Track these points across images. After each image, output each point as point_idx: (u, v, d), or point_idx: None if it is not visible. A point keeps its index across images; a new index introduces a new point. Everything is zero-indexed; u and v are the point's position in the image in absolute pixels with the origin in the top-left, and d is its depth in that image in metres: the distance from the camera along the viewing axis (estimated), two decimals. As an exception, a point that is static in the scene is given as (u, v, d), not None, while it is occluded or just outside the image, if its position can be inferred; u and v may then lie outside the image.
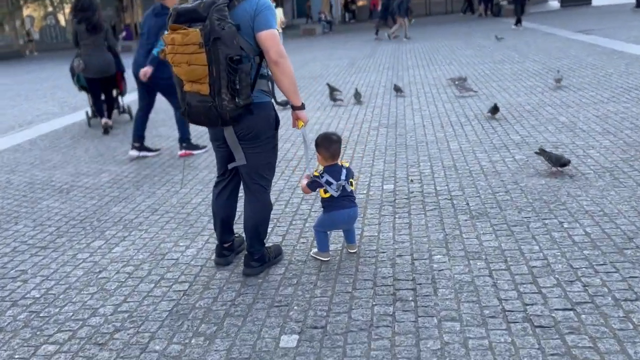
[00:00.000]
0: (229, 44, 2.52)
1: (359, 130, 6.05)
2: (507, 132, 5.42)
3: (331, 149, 2.98)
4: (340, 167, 3.02)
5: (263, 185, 2.94)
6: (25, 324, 2.72)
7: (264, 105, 2.79)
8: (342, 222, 3.05)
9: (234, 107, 2.61)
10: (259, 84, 2.76)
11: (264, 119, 2.80)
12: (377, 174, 4.54)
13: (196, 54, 2.53)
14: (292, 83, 2.77)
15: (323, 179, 2.97)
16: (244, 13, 2.63)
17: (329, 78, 10.41)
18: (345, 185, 2.99)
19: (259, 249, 3.01)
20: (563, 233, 3.18)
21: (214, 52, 2.52)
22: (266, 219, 3.00)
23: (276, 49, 2.67)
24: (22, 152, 6.50)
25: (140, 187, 4.74)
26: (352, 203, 3.04)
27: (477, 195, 3.86)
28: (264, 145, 2.84)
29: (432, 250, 3.11)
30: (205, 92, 2.60)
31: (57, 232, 3.88)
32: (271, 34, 2.65)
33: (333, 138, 3.01)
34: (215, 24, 2.50)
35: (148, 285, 3.01)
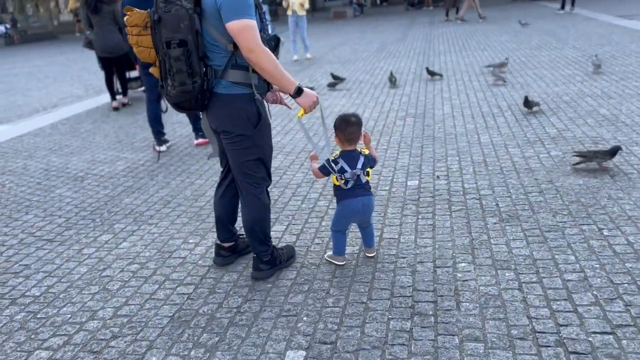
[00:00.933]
0: (171, 27, 2.36)
1: (384, 120, 5.78)
2: (543, 125, 5.07)
3: (347, 132, 2.70)
4: (358, 154, 2.75)
5: (251, 183, 2.68)
6: (22, 325, 2.59)
7: (236, 97, 2.52)
8: (355, 212, 2.77)
9: (175, 94, 2.46)
10: (231, 75, 2.49)
11: (234, 113, 2.53)
12: (401, 168, 4.28)
13: (141, 35, 2.45)
14: (274, 74, 2.45)
15: (338, 165, 2.72)
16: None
17: (357, 63, 10.10)
18: (361, 175, 2.75)
19: (265, 250, 2.80)
20: (603, 241, 2.88)
21: (158, 35, 2.40)
22: (260, 218, 2.74)
23: (245, 44, 2.36)
24: (42, 137, 6.44)
25: (155, 177, 4.59)
26: (366, 192, 2.78)
27: (507, 195, 3.58)
28: (240, 141, 2.58)
29: (456, 257, 2.86)
30: (157, 76, 2.53)
31: (65, 224, 3.76)
32: (238, 26, 2.34)
33: (351, 120, 2.72)
34: (160, 6, 2.37)
35: (152, 287, 2.84)
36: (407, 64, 9.47)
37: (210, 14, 2.39)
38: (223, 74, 2.49)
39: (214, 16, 2.39)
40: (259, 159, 2.67)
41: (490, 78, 7.37)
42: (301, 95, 2.57)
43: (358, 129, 2.72)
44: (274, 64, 2.43)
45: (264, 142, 2.68)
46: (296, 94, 2.56)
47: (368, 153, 2.79)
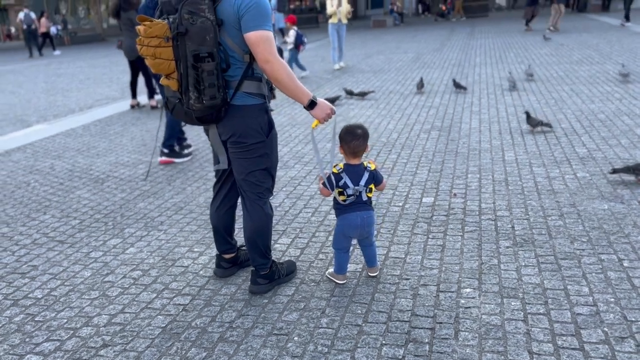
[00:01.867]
0: (196, 39, 2.30)
1: (408, 133, 5.66)
2: (573, 144, 4.86)
3: (351, 145, 2.62)
4: (363, 169, 2.66)
5: (256, 194, 2.65)
6: (19, 327, 2.61)
7: (250, 108, 2.50)
8: (354, 227, 2.68)
9: (201, 107, 2.39)
10: (246, 86, 2.47)
11: (248, 123, 2.51)
12: (418, 184, 4.16)
13: (161, 47, 2.35)
14: (288, 85, 2.45)
15: (341, 180, 2.64)
16: (229, 8, 2.35)
17: (390, 73, 9.99)
18: (363, 192, 2.66)
19: (263, 263, 2.74)
20: (621, 273, 2.71)
21: (181, 48, 2.32)
22: (263, 230, 2.69)
23: (262, 54, 2.37)
24: (73, 137, 6.59)
25: (172, 182, 4.61)
26: (366, 207, 2.69)
27: (525, 218, 3.42)
28: (251, 151, 2.56)
29: (462, 281, 2.74)
30: (174, 88, 2.43)
31: (79, 226, 3.80)
32: (256, 37, 2.35)
33: (356, 132, 2.63)
34: (184, 18, 2.29)
35: (150, 295, 2.82)
36: (440, 75, 9.30)
37: (229, 25, 2.38)
38: (239, 85, 2.47)
39: (233, 27, 2.38)
40: (266, 169, 2.64)
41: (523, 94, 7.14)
42: (315, 107, 2.56)
43: (363, 142, 2.63)
44: (288, 75, 2.43)
45: (272, 152, 2.66)
46: (309, 106, 2.55)
47: (374, 168, 2.70)
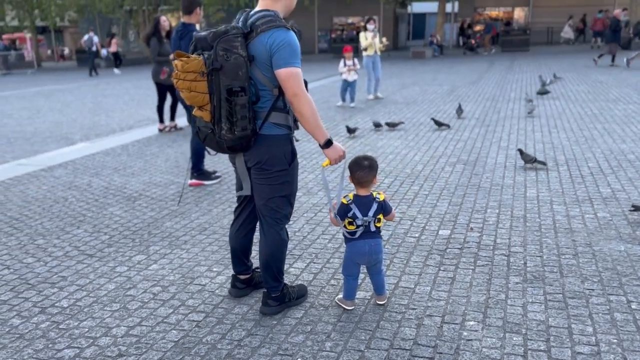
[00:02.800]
0: (230, 75, 2.47)
1: (433, 165, 5.73)
2: (597, 184, 4.84)
3: (357, 175, 2.75)
4: (372, 200, 2.76)
5: (274, 219, 2.79)
6: (44, 333, 2.79)
7: (276, 138, 2.67)
8: (362, 254, 2.78)
9: (232, 137, 2.55)
10: (274, 117, 2.64)
11: (273, 152, 2.67)
12: (436, 216, 4.23)
13: (196, 81, 2.52)
14: (310, 121, 2.62)
15: (350, 211, 2.75)
16: (261, 45, 2.53)
17: (423, 104, 10.09)
18: (371, 223, 2.76)
19: (275, 286, 2.87)
20: (628, 315, 2.71)
21: (215, 82, 2.50)
22: (278, 255, 2.83)
23: (291, 88, 2.55)
24: (112, 156, 6.91)
25: (200, 204, 4.81)
26: (374, 235, 2.79)
27: (538, 255, 3.44)
28: (275, 178, 2.71)
29: (467, 314, 2.79)
30: (207, 119, 2.60)
31: (108, 241, 4.01)
32: (286, 73, 2.53)
33: (362, 163, 2.74)
34: (219, 54, 2.47)
35: (166, 310, 2.97)
36: (473, 108, 9.34)
37: (260, 62, 2.55)
38: (267, 116, 2.63)
39: (264, 63, 2.55)
40: (286, 196, 2.78)
41: (552, 129, 7.12)
42: (330, 147, 2.72)
43: (369, 173, 2.74)
44: (312, 111, 2.60)
45: (293, 180, 2.80)
46: (325, 145, 2.71)
47: (383, 199, 2.80)
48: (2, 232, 4.29)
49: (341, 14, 35.19)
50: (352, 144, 6.92)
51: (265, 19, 2.56)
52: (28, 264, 3.67)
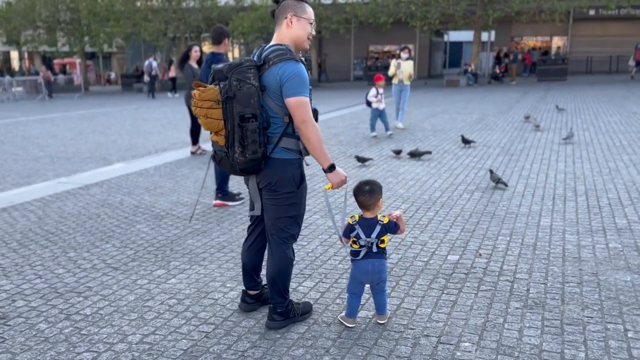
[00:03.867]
0: (243, 103, 2.70)
1: (452, 192, 5.83)
2: (614, 214, 4.85)
3: (359, 200, 2.93)
4: (376, 222, 2.92)
5: (281, 238, 2.98)
6: (66, 338, 3.02)
7: (285, 161, 2.87)
8: (365, 272, 2.93)
9: (244, 160, 2.77)
10: (284, 142, 2.86)
11: (283, 175, 2.87)
12: (447, 242, 4.33)
13: (212, 109, 2.76)
14: (315, 147, 2.82)
15: (354, 231, 2.92)
16: (272, 76, 2.77)
17: (450, 133, 10.18)
18: (373, 245, 2.92)
19: (280, 302, 3.03)
20: (623, 343, 2.76)
21: (229, 109, 2.73)
22: (284, 272, 3.00)
23: (299, 116, 2.76)
24: (145, 177, 7.26)
25: (222, 223, 5.03)
26: (378, 255, 2.94)
27: (542, 282, 3.51)
28: (283, 199, 2.91)
29: (463, 335, 2.89)
30: (222, 144, 2.82)
31: (133, 256, 4.26)
32: (295, 102, 2.75)
33: (363, 189, 2.92)
34: (233, 84, 2.70)
35: (180, 321, 3.17)
36: (499, 137, 9.39)
37: (272, 91, 2.78)
38: (278, 142, 2.85)
39: (275, 92, 2.78)
40: (294, 217, 2.98)
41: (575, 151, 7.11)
42: (333, 172, 2.91)
43: (370, 197, 2.90)
44: (318, 138, 2.81)
45: (301, 202, 3.00)
46: (329, 169, 2.90)
47: (387, 221, 2.94)
48: (38, 244, 4.60)
49: (377, 42, 35.69)
50: (374, 170, 7.07)
51: (277, 52, 2.80)
52: (59, 274, 3.94)
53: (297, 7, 2.88)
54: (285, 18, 2.87)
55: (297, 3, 2.89)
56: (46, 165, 8.44)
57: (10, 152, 9.90)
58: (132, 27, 31.69)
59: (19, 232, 4.94)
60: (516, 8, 24.58)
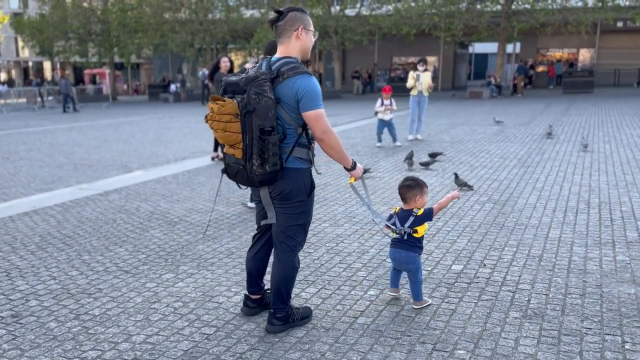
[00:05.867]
0: (262, 116, 2.75)
1: (463, 203, 5.83)
2: (625, 227, 4.80)
3: (399, 192, 3.35)
4: (410, 213, 3.27)
5: (289, 245, 3.06)
6: (74, 336, 3.14)
7: (298, 171, 2.96)
8: (393, 260, 3.37)
9: (263, 172, 2.83)
10: (297, 152, 2.94)
11: (295, 184, 2.96)
12: (453, 252, 4.35)
13: (231, 122, 2.80)
14: (338, 152, 2.99)
15: (391, 220, 3.33)
16: (287, 90, 2.84)
17: (468, 144, 10.15)
18: (406, 234, 3.26)
19: (282, 307, 3.10)
20: (619, 355, 2.75)
21: (248, 123, 2.78)
22: (288, 278, 3.08)
23: (320, 128, 2.88)
24: (163, 184, 7.43)
25: (233, 230, 5.13)
26: (407, 247, 3.27)
27: (544, 293, 3.50)
28: (294, 207, 2.99)
29: (459, 343, 2.91)
30: (239, 156, 2.86)
31: (144, 260, 4.39)
32: (314, 115, 2.86)
33: (404, 183, 3.33)
34: (252, 98, 2.75)
35: (183, 323, 3.26)
36: (517, 149, 9.33)
37: (286, 103, 2.86)
38: (291, 151, 2.94)
39: (291, 106, 2.87)
40: (303, 225, 3.07)
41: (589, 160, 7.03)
42: (355, 169, 3.14)
43: (407, 190, 3.30)
44: (339, 144, 2.97)
45: (310, 210, 3.09)
46: (352, 168, 3.12)
47: (421, 213, 3.24)
48: (55, 247, 4.76)
49: (401, 53, 35.75)
50: (387, 181, 7.11)
51: (289, 65, 2.87)
52: (72, 276, 4.08)
53: (304, 19, 2.98)
54: (296, 30, 2.94)
55: (303, 15, 2.99)
56: (69, 172, 8.69)
57: (37, 159, 10.22)
58: (160, 38, 32.38)
59: (38, 235, 5.12)
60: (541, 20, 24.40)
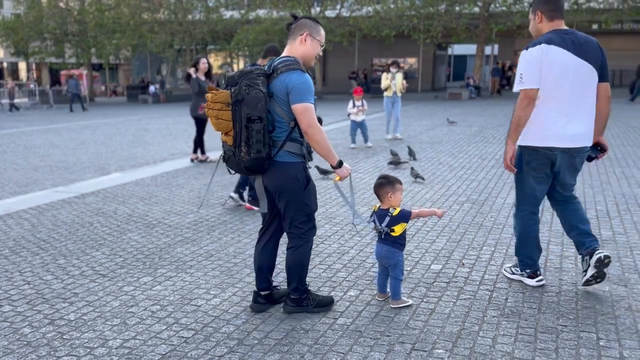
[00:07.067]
0: (251, 105, 2.91)
1: (442, 203, 5.87)
2: (600, 226, 4.88)
3: (374, 191, 3.39)
4: (386, 213, 3.29)
5: (299, 234, 3.21)
6: (48, 342, 3.08)
7: (289, 164, 3.08)
8: (376, 254, 3.41)
9: (249, 159, 2.98)
10: (288, 146, 3.06)
11: (286, 177, 3.09)
12: (432, 251, 4.37)
13: (222, 110, 2.99)
14: (323, 148, 3.07)
15: (372, 218, 3.39)
16: (279, 84, 3.00)
17: (447, 145, 10.24)
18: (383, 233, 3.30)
19: (295, 290, 3.27)
20: (594, 351, 2.79)
21: (237, 112, 2.95)
22: (301, 264, 3.23)
23: (306, 121, 2.99)
24: (141, 186, 7.34)
25: (212, 232, 5.09)
26: (389, 243, 3.30)
27: (522, 292, 3.54)
28: (292, 199, 3.13)
29: (437, 342, 2.92)
30: (230, 143, 3.04)
31: (121, 263, 4.33)
32: (301, 108, 3.00)
33: (376, 181, 3.38)
34: (243, 88, 2.92)
35: (161, 327, 3.22)
36: (495, 149, 9.43)
37: (279, 98, 3.02)
38: (282, 145, 3.06)
39: (282, 99, 3.02)
40: (307, 214, 3.19)
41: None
42: (341, 167, 3.17)
43: (379, 188, 3.34)
44: (324, 139, 3.05)
45: (311, 201, 3.21)
46: (338, 165, 3.15)
47: (397, 213, 3.26)
48: (29, 251, 4.67)
49: (381, 55, 35.91)
50: (368, 181, 7.13)
51: (285, 62, 3.06)
52: (47, 280, 4.01)
53: (313, 27, 3.16)
54: (301, 35, 3.13)
55: (314, 24, 3.17)
56: (45, 174, 8.54)
57: (11, 161, 10.03)
58: (138, 39, 32.03)
59: (12, 240, 5.02)
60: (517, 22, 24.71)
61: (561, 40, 3.31)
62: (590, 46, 3.35)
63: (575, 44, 3.32)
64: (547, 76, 3.31)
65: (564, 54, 3.30)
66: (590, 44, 3.36)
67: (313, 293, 3.37)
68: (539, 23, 3.46)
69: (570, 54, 3.30)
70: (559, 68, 3.29)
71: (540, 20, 3.45)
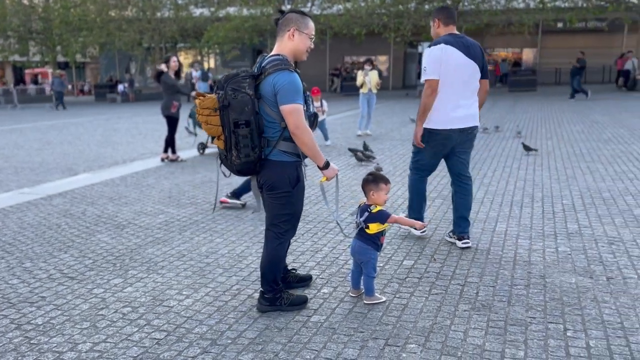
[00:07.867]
0: (237, 110, 2.93)
1: (414, 200, 5.93)
2: (567, 220, 5.00)
3: (361, 185, 3.43)
4: (367, 208, 3.33)
5: (276, 233, 3.23)
6: (15, 347, 3.00)
7: (282, 163, 3.11)
8: (351, 248, 3.44)
9: (239, 163, 3.02)
10: (281, 145, 3.08)
11: (279, 176, 3.12)
12: (404, 247, 4.41)
13: (211, 116, 3.01)
14: (310, 149, 3.09)
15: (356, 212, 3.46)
16: (268, 85, 3.00)
17: (418, 142, 10.32)
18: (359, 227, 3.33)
19: (269, 290, 3.28)
20: (561, 342, 2.86)
21: (225, 117, 2.96)
22: (274, 265, 3.26)
23: (293, 122, 3.01)
24: (110, 187, 7.22)
25: (184, 232, 5.04)
26: (363, 239, 3.33)
27: (492, 285, 3.61)
28: (280, 198, 3.16)
29: (410, 337, 2.95)
30: (222, 147, 3.07)
31: (91, 265, 4.25)
32: (288, 109, 2.99)
33: (365, 177, 3.41)
34: (229, 93, 2.93)
35: (132, 329, 3.17)
36: (465, 146, 9.56)
37: (267, 99, 3.02)
38: (275, 144, 3.07)
39: (271, 100, 3.02)
40: (289, 214, 3.20)
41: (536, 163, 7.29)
42: (328, 168, 3.20)
43: (364, 184, 3.39)
44: (311, 140, 3.06)
45: (297, 202, 3.22)
46: (325, 166, 3.18)
47: (376, 211, 3.29)
48: (-6, 255, 4.55)
49: (352, 53, 36.01)
50: (340, 179, 7.16)
51: (273, 62, 3.05)
52: (12, 284, 3.91)
53: (300, 21, 3.13)
54: (288, 31, 3.12)
55: (301, 17, 3.15)
56: (9, 175, 8.32)
57: (-26, 163, 9.74)
58: (106, 37, 31.43)
59: (-25, 243, 4.87)
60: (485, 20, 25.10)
61: (455, 42, 4.10)
62: (475, 49, 4.16)
63: (465, 45, 4.11)
64: (445, 70, 4.08)
65: (458, 53, 4.08)
66: (475, 47, 4.17)
67: (287, 292, 3.38)
68: (437, 28, 4.28)
69: (462, 54, 4.09)
70: (453, 64, 4.08)
71: (438, 25, 4.27)
